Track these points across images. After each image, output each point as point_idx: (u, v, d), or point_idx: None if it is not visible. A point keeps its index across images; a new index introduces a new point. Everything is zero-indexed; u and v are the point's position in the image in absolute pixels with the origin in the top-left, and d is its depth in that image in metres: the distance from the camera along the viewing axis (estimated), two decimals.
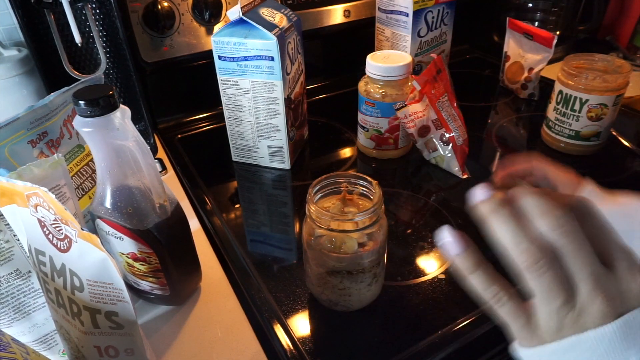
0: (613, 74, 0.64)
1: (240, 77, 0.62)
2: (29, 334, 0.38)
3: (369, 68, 0.64)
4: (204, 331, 0.44)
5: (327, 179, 0.42)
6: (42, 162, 0.38)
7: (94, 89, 0.35)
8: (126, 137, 0.36)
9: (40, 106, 0.43)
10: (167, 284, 0.44)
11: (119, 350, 0.35)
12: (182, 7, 0.71)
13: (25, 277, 0.37)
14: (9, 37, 0.71)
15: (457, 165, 0.64)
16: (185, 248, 0.45)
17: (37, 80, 0.67)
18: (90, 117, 0.35)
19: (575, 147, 0.68)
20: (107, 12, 0.62)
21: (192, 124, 0.81)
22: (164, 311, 0.47)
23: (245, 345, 0.43)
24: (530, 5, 0.95)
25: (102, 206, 0.39)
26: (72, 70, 0.61)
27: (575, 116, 0.66)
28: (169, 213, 0.41)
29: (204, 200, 0.62)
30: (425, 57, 0.83)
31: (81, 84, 0.45)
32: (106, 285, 0.32)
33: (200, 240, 0.55)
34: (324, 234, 0.41)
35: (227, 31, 0.60)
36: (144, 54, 0.71)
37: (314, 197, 0.42)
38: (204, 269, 0.48)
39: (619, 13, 1.02)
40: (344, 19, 0.85)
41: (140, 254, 0.41)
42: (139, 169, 0.38)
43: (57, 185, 0.39)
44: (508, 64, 0.88)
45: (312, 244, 0.41)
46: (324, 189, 0.43)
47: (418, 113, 0.63)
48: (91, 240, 0.31)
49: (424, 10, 0.77)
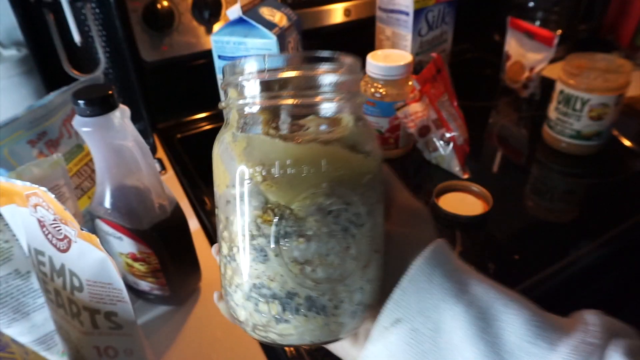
0: (614, 74, 0.64)
1: None
2: (29, 334, 0.38)
3: (370, 67, 0.64)
4: (203, 331, 0.44)
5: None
6: (42, 162, 0.38)
7: (93, 89, 0.35)
8: (125, 137, 0.36)
9: (40, 106, 0.43)
10: (166, 284, 0.44)
11: (118, 351, 0.35)
12: (182, 6, 0.70)
13: (25, 277, 0.37)
14: (9, 37, 0.71)
15: (457, 165, 0.64)
16: (185, 248, 0.45)
17: (37, 79, 0.66)
18: (89, 117, 0.35)
19: (577, 147, 0.68)
20: (107, 11, 0.62)
21: (192, 124, 0.81)
22: (163, 311, 0.47)
23: (245, 346, 0.43)
24: (532, 4, 0.95)
25: (102, 206, 0.39)
26: (71, 69, 0.61)
27: (577, 116, 0.66)
28: (169, 213, 0.41)
29: (203, 200, 0.62)
30: (426, 57, 0.83)
31: (80, 83, 0.45)
32: (105, 286, 0.32)
33: (200, 240, 0.55)
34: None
35: (227, 30, 0.59)
36: (143, 53, 0.71)
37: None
38: (203, 269, 0.48)
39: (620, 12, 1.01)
40: (345, 18, 0.85)
41: (140, 254, 0.41)
42: (139, 169, 0.38)
43: (56, 185, 0.39)
44: (509, 64, 0.88)
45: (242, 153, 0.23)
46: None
47: (418, 113, 0.63)
48: (91, 240, 0.31)
49: (424, 9, 0.77)
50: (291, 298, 0.23)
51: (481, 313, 0.24)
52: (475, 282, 0.25)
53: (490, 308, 0.24)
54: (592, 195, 0.64)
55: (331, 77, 0.23)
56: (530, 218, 0.60)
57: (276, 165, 0.22)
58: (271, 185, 0.22)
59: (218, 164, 0.25)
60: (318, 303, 0.23)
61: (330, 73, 0.23)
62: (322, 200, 0.22)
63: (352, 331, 0.25)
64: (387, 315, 0.25)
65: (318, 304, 0.23)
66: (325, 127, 0.23)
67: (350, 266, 0.23)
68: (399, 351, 0.25)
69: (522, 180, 0.66)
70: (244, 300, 0.24)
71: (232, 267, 0.24)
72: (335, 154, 0.23)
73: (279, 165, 0.22)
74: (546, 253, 0.52)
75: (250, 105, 0.23)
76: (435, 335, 0.24)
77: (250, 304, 0.24)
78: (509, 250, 0.53)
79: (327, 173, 0.22)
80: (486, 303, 0.24)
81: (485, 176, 0.67)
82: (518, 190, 0.64)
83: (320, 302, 0.23)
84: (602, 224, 0.56)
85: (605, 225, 0.55)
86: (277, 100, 0.23)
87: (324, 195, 0.22)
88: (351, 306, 0.24)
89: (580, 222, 0.59)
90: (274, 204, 0.22)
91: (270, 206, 0.22)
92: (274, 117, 0.23)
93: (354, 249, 0.23)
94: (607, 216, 0.58)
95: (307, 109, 0.23)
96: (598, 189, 0.64)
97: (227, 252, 0.25)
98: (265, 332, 0.24)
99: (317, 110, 0.23)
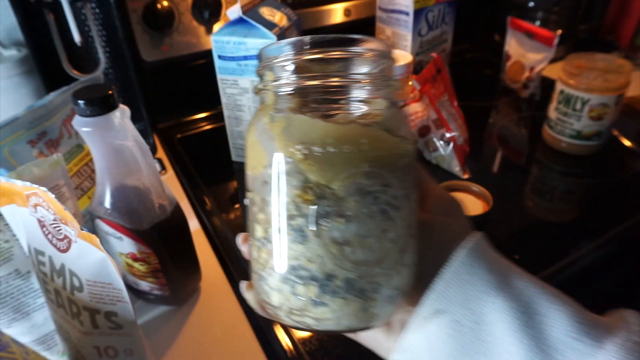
0: (614, 74, 0.64)
1: (240, 77, 0.62)
2: (29, 334, 0.38)
3: None
4: (203, 332, 0.44)
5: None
6: (42, 162, 0.38)
7: (93, 89, 0.35)
8: (125, 137, 0.36)
9: (40, 106, 0.43)
10: (166, 284, 0.44)
11: (118, 351, 0.35)
12: (182, 6, 0.70)
13: (25, 277, 0.37)
14: (9, 37, 0.71)
15: (458, 165, 0.64)
16: (185, 248, 0.45)
17: (37, 79, 0.66)
18: (89, 117, 0.35)
19: (577, 147, 0.68)
20: (107, 11, 0.62)
21: (192, 124, 0.81)
22: (163, 311, 0.47)
23: (245, 346, 0.43)
24: (532, 4, 0.95)
25: (102, 206, 0.39)
26: (71, 69, 0.61)
27: (577, 116, 0.66)
28: (169, 213, 0.41)
29: (203, 200, 0.62)
30: (426, 57, 0.83)
31: (80, 83, 0.45)
32: (105, 286, 0.32)
33: (200, 240, 0.55)
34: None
35: (227, 30, 0.59)
36: (143, 53, 0.71)
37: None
38: (203, 269, 0.48)
39: (620, 12, 1.01)
40: (345, 18, 0.85)
41: (140, 254, 0.41)
42: (139, 169, 0.38)
43: (56, 185, 0.39)
44: (509, 64, 0.88)
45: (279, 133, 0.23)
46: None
47: (418, 113, 0.63)
48: (91, 240, 0.31)
49: (424, 9, 0.77)
50: (330, 280, 0.22)
51: (524, 307, 0.24)
52: (517, 276, 0.25)
53: (532, 302, 0.24)
54: (592, 195, 0.64)
55: (369, 60, 0.23)
56: (530, 218, 0.60)
57: (317, 144, 0.22)
58: (312, 164, 0.22)
59: (254, 146, 0.24)
60: (356, 286, 0.23)
61: (368, 56, 0.23)
62: (363, 181, 0.22)
63: (387, 318, 0.24)
64: (428, 306, 0.24)
65: (356, 287, 0.23)
66: (361, 110, 0.23)
67: (388, 249, 0.23)
68: (440, 342, 0.24)
69: (522, 180, 0.66)
70: (280, 284, 0.23)
71: (268, 250, 0.24)
72: (376, 135, 0.23)
73: (320, 144, 0.22)
74: (546, 253, 0.52)
75: (287, 86, 0.23)
76: (477, 327, 0.24)
77: (287, 287, 0.23)
78: (509, 250, 0.52)
79: (368, 153, 0.22)
80: (529, 297, 0.24)
81: (485, 176, 0.67)
82: (518, 190, 0.64)
83: (359, 285, 0.23)
84: (602, 224, 0.56)
85: (605, 225, 0.55)
86: (315, 81, 0.23)
87: (365, 176, 0.22)
88: (388, 290, 0.23)
89: (580, 222, 0.59)
90: (314, 184, 0.22)
91: (310, 185, 0.22)
92: (311, 99, 0.23)
93: (392, 232, 0.23)
94: (607, 216, 0.58)
95: (345, 91, 0.23)
96: (598, 189, 0.64)
97: (263, 235, 0.24)
98: (301, 317, 0.23)
99: (354, 93, 0.23)
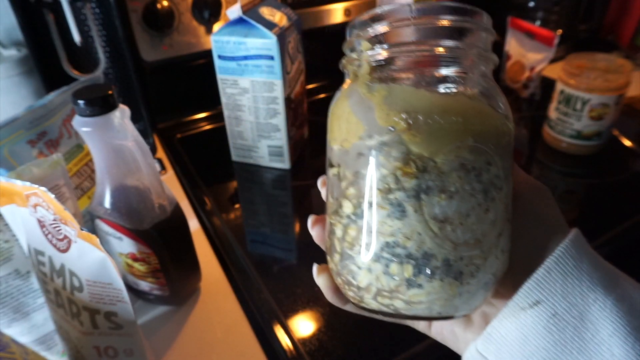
0: (615, 74, 0.64)
1: (240, 77, 0.62)
2: (29, 334, 0.38)
3: None
4: (203, 332, 0.44)
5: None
6: (41, 162, 0.38)
7: (93, 89, 0.35)
8: (125, 137, 0.36)
9: (40, 106, 0.43)
10: (166, 285, 0.44)
11: (118, 351, 0.35)
12: (182, 6, 0.70)
13: (25, 277, 0.37)
14: (9, 37, 0.71)
15: None
16: (185, 248, 0.45)
17: (37, 79, 0.66)
18: (89, 117, 0.35)
19: (577, 147, 0.68)
20: (107, 11, 0.62)
21: (192, 124, 0.81)
22: (163, 312, 0.47)
23: (245, 346, 0.43)
24: (532, 4, 0.95)
25: (102, 206, 0.39)
26: (71, 69, 0.61)
27: (577, 116, 0.66)
28: (169, 213, 0.41)
29: (203, 200, 0.62)
30: None
31: (80, 83, 0.45)
32: (105, 286, 0.32)
33: (200, 240, 0.55)
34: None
35: (227, 30, 0.59)
36: (143, 53, 0.71)
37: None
38: (203, 269, 0.48)
39: (620, 12, 1.01)
40: (345, 18, 0.85)
41: (140, 254, 0.41)
42: (138, 169, 0.38)
43: (56, 185, 0.39)
44: (509, 64, 0.88)
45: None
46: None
47: None
48: (90, 240, 0.31)
49: None
50: (428, 259, 0.21)
51: (633, 310, 0.22)
52: (623, 275, 0.24)
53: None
54: (592, 195, 0.64)
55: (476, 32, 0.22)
56: None
57: (422, 113, 0.20)
58: (415, 135, 0.20)
59: (349, 117, 0.23)
60: (455, 267, 0.21)
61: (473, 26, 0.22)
62: (467, 155, 0.21)
63: (478, 306, 0.23)
64: (526, 295, 0.23)
65: (455, 269, 0.21)
66: (462, 82, 0.22)
67: (487, 231, 0.22)
68: (535, 336, 0.22)
69: None
70: (371, 262, 0.22)
71: (358, 227, 0.22)
72: (482, 109, 0.22)
73: (425, 114, 0.20)
74: None
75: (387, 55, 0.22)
76: (579, 324, 0.22)
77: (379, 266, 0.22)
78: None
79: (473, 127, 0.21)
80: (636, 300, 0.22)
81: None
82: None
83: (458, 267, 0.21)
84: (602, 224, 0.56)
85: (605, 225, 0.55)
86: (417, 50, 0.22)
87: (469, 150, 0.21)
88: (485, 275, 0.22)
89: (580, 222, 0.59)
90: (416, 155, 0.21)
91: (413, 157, 0.21)
92: (411, 69, 0.22)
93: (492, 214, 0.22)
94: (607, 216, 0.58)
95: (445, 61, 0.22)
96: (598, 189, 0.64)
97: (352, 210, 0.23)
98: (390, 299, 0.22)
99: (456, 64, 0.22)
